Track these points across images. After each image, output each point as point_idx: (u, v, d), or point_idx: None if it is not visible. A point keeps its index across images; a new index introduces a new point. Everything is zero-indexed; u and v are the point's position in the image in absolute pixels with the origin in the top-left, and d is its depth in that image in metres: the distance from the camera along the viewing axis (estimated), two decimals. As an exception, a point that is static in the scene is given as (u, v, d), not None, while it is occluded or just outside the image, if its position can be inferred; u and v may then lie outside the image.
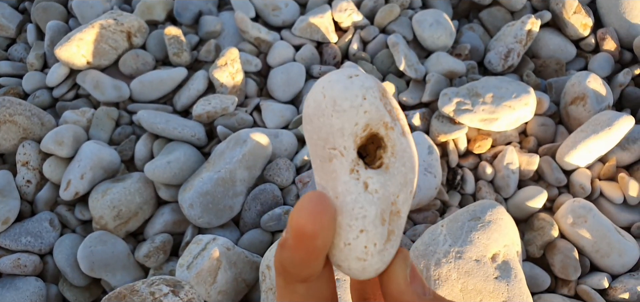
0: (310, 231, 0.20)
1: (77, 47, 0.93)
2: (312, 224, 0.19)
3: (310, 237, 0.20)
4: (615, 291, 0.76)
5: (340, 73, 0.22)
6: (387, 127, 0.22)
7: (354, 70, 0.22)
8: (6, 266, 0.76)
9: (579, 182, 0.87)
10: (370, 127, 0.22)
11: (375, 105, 0.21)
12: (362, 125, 0.21)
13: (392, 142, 0.22)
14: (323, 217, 0.20)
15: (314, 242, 0.20)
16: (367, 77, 0.22)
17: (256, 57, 1.03)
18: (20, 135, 0.86)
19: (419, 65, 1.00)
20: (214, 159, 0.85)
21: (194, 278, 0.72)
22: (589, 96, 0.92)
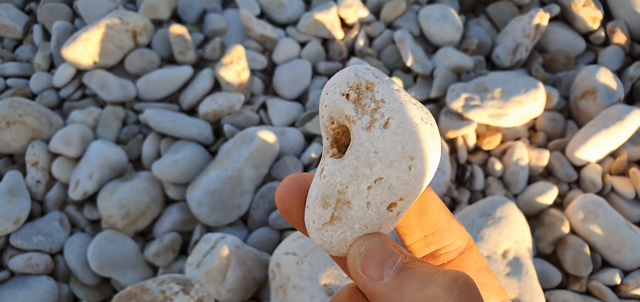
0: (281, 208, 0.24)
1: (84, 47, 0.93)
2: (282, 204, 0.24)
3: (284, 212, 0.24)
4: (628, 287, 0.75)
5: None
6: (349, 120, 0.23)
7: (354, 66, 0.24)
8: (19, 265, 0.77)
9: (589, 178, 0.86)
10: (336, 119, 0.24)
11: (333, 100, 0.23)
12: (327, 118, 0.24)
13: (352, 136, 0.23)
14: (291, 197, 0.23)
15: (289, 216, 0.24)
16: (343, 72, 0.24)
17: (262, 55, 1.02)
18: (30, 135, 0.86)
19: (426, 60, 0.99)
20: (221, 157, 0.85)
21: (204, 277, 0.72)
22: (600, 90, 0.91)
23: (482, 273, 0.22)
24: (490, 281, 0.22)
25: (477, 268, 0.22)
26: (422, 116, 0.22)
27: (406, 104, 0.22)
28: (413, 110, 0.22)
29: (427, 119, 0.22)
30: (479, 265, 0.23)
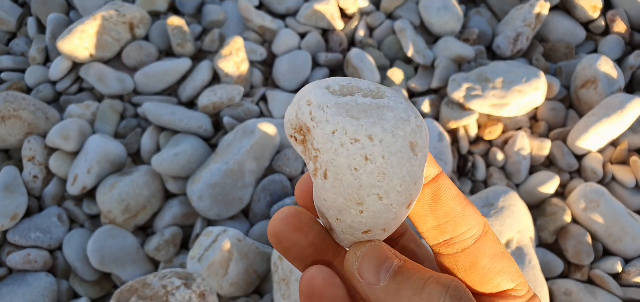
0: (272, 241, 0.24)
1: (79, 39, 0.91)
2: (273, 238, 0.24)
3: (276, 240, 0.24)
4: (629, 274, 0.76)
5: None
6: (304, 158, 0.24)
7: (306, 93, 0.23)
8: (17, 261, 0.75)
9: (590, 167, 0.86)
10: None
11: (288, 137, 0.24)
12: None
13: None
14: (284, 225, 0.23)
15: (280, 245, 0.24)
16: (289, 109, 0.23)
17: (261, 46, 1.01)
18: (25, 130, 0.85)
19: (427, 50, 0.99)
20: (222, 150, 0.84)
21: (206, 270, 0.71)
22: (600, 79, 0.91)
23: (498, 259, 0.22)
24: (505, 266, 0.22)
25: (492, 255, 0.22)
26: (366, 154, 0.20)
27: (343, 150, 0.20)
28: (352, 155, 0.20)
29: (374, 153, 0.20)
30: (495, 251, 0.22)
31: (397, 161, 0.20)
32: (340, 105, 0.21)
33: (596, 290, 0.75)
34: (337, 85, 0.22)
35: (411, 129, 0.21)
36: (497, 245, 0.22)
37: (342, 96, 0.21)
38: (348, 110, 0.21)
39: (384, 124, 0.20)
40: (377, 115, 0.21)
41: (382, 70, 0.99)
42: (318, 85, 0.22)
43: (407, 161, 0.20)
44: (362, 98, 0.21)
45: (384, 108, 0.21)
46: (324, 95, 0.21)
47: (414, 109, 0.22)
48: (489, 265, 0.22)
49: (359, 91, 0.22)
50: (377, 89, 0.22)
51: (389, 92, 0.22)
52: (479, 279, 0.22)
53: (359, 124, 0.20)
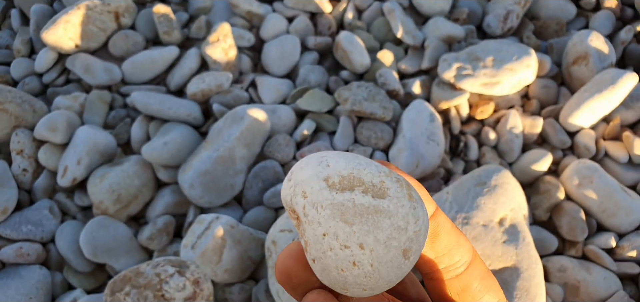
0: (281, 279, 0.23)
1: (64, 30, 0.90)
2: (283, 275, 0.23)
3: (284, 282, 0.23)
4: (623, 249, 0.76)
5: None
6: None
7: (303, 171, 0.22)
8: (9, 255, 0.75)
9: (583, 143, 0.86)
10: None
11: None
12: None
13: None
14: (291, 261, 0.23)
15: (288, 286, 0.23)
16: (284, 186, 0.23)
17: (249, 32, 1.00)
18: (12, 123, 0.84)
19: (416, 31, 0.98)
20: (212, 137, 0.83)
21: (199, 258, 0.71)
22: (592, 55, 0.91)
23: (486, 279, 0.24)
24: (491, 285, 0.25)
25: (482, 276, 0.24)
26: (354, 261, 0.20)
27: (332, 253, 0.20)
28: (340, 259, 0.20)
29: (363, 261, 0.20)
30: (483, 272, 0.24)
31: (385, 269, 0.20)
32: (335, 207, 0.20)
33: (591, 266, 0.75)
34: (337, 176, 0.21)
35: (407, 237, 0.20)
36: (483, 266, 0.25)
37: (340, 193, 0.20)
38: (342, 214, 0.20)
39: (377, 234, 0.20)
40: (372, 222, 0.20)
41: (372, 52, 0.98)
42: (317, 174, 0.21)
43: (396, 268, 0.20)
44: (361, 196, 0.20)
45: (381, 213, 0.20)
46: (321, 192, 0.20)
47: (417, 210, 0.20)
48: (480, 286, 0.24)
49: (359, 185, 0.20)
50: (381, 185, 0.20)
51: (393, 189, 0.20)
52: (470, 299, 0.24)
53: (351, 231, 0.20)
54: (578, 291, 0.74)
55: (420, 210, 0.21)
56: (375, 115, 0.85)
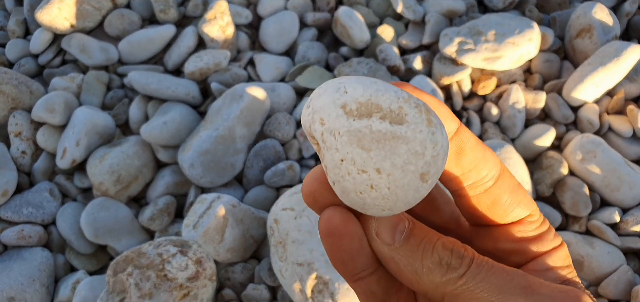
0: (307, 201, 0.24)
1: (59, 9, 0.88)
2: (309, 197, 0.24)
3: (310, 204, 0.24)
4: (627, 224, 0.76)
5: None
6: None
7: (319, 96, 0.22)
8: (10, 238, 0.75)
9: (586, 118, 0.85)
10: None
11: None
12: None
13: None
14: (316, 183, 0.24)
15: (315, 207, 0.24)
16: (304, 112, 0.23)
17: (246, 9, 0.98)
18: (9, 105, 0.83)
19: (417, 6, 0.96)
20: (211, 116, 0.82)
21: (202, 237, 0.71)
22: (595, 27, 0.89)
23: (515, 193, 0.24)
24: (522, 197, 0.24)
25: (511, 190, 0.24)
26: (372, 184, 0.20)
27: (350, 177, 0.21)
28: (358, 183, 0.21)
29: (380, 184, 0.20)
30: (512, 185, 0.24)
31: (403, 192, 0.21)
32: (353, 134, 0.20)
33: (594, 241, 0.75)
34: (354, 103, 0.21)
35: (425, 162, 0.20)
36: (513, 179, 0.24)
37: (358, 119, 0.20)
38: (359, 141, 0.20)
39: (394, 159, 0.20)
40: (389, 148, 0.20)
41: (372, 28, 0.97)
42: (334, 101, 0.21)
43: (413, 190, 0.21)
44: (378, 123, 0.20)
45: (399, 139, 0.20)
46: (338, 119, 0.21)
47: (435, 135, 0.20)
48: (510, 200, 0.24)
49: (377, 112, 0.20)
50: (399, 110, 0.20)
51: (411, 115, 0.20)
52: (501, 213, 0.24)
53: (368, 157, 0.20)
54: (582, 266, 0.74)
55: (439, 134, 0.20)
56: (376, 92, 0.84)
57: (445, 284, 0.22)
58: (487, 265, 0.22)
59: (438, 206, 0.27)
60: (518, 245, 0.25)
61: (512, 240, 0.25)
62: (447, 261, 0.22)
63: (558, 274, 0.24)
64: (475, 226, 0.26)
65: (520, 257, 0.25)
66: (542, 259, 0.24)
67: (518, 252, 0.25)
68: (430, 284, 0.22)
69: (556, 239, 0.25)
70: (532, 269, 0.24)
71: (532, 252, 0.25)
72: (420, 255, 0.23)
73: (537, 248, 0.24)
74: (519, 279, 0.22)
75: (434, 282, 0.22)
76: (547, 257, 0.24)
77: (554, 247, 0.25)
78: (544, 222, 0.25)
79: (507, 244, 0.25)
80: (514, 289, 0.21)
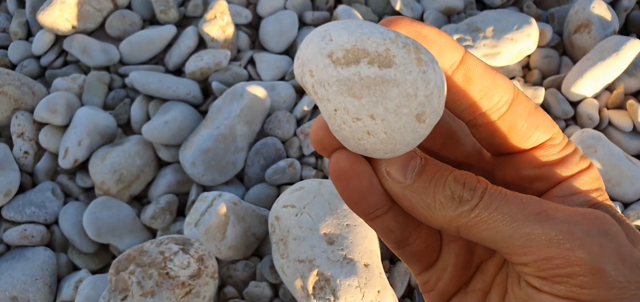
0: (317, 148, 0.24)
1: (60, 11, 0.89)
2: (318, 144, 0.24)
3: (320, 150, 0.24)
4: (629, 218, 0.76)
5: None
6: None
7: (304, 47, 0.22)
8: (13, 237, 0.76)
9: (586, 113, 0.85)
10: None
11: None
12: None
13: None
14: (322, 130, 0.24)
15: (324, 153, 0.24)
16: (295, 61, 0.23)
17: (246, 8, 0.99)
18: (12, 106, 0.84)
19: (415, 3, 0.97)
20: (212, 115, 0.83)
21: (203, 235, 0.71)
22: (594, 23, 0.89)
23: (532, 116, 0.23)
24: (540, 120, 0.23)
25: (527, 114, 0.23)
26: (368, 130, 0.20)
27: (346, 126, 0.21)
28: (355, 130, 0.21)
29: (377, 130, 0.20)
30: (529, 109, 0.23)
31: (400, 135, 0.20)
32: (342, 83, 0.20)
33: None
34: (340, 51, 0.20)
35: (418, 103, 0.20)
36: (529, 103, 0.23)
37: (345, 67, 0.20)
38: (349, 89, 0.20)
39: (386, 104, 0.20)
40: (380, 93, 0.20)
41: (372, 25, 0.97)
42: (321, 50, 0.21)
43: (411, 132, 0.20)
44: (366, 68, 0.20)
45: (389, 83, 0.20)
46: (326, 69, 0.20)
47: (426, 74, 0.20)
48: (526, 124, 0.23)
49: (364, 57, 0.20)
50: (386, 53, 0.20)
51: (399, 56, 0.20)
52: (519, 139, 0.23)
53: (360, 104, 0.20)
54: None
55: (431, 72, 0.20)
56: (376, 89, 0.85)
57: (458, 218, 0.22)
58: (500, 195, 0.22)
59: (459, 139, 0.26)
60: (541, 170, 0.24)
61: (534, 165, 0.24)
62: (459, 194, 0.22)
63: (586, 197, 0.23)
64: (497, 156, 0.25)
65: (544, 183, 0.24)
66: (568, 183, 0.23)
67: (541, 177, 0.24)
68: (443, 218, 0.22)
69: (583, 162, 0.23)
70: (557, 195, 0.23)
71: (557, 176, 0.23)
72: (432, 191, 0.22)
73: (562, 172, 0.23)
74: (533, 206, 0.21)
75: (447, 216, 0.22)
76: (573, 180, 0.23)
77: (580, 170, 0.23)
78: (568, 144, 0.23)
79: (530, 170, 0.24)
80: (528, 216, 0.21)
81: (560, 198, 0.23)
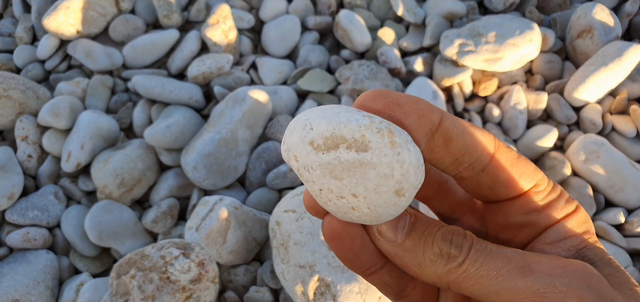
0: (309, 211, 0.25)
1: (65, 16, 0.90)
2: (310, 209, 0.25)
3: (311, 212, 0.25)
4: (632, 225, 0.75)
5: None
6: None
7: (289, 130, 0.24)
8: (16, 240, 0.76)
9: (589, 118, 0.84)
10: None
11: None
12: None
13: None
14: None
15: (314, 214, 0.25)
16: (283, 143, 0.25)
17: (248, 13, 0.99)
18: (17, 110, 0.84)
19: (417, 8, 0.97)
20: (214, 119, 0.83)
21: (204, 239, 0.71)
22: (596, 28, 0.89)
23: (515, 166, 0.24)
24: (523, 169, 0.24)
25: (509, 164, 0.24)
26: (352, 206, 0.22)
27: (331, 204, 0.22)
28: (340, 206, 0.22)
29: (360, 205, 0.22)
30: (512, 158, 0.24)
31: (382, 209, 0.22)
32: (324, 167, 0.22)
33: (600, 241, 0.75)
34: (320, 138, 0.22)
35: (396, 181, 0.21)
36: (511, 153, 0.24)
37: (326, 153, 0.22)
38: (331, 172, 0.22)
39: (366, 184, 0.21)
40: (360, 174, 0.22)
41: (373, 30, 0.97)
42: (303, 139, 0.22)
43: (393, 205, 0.22)
44: (345, 153, 0.22)
45: (366, 165, 0.21)
46: (308, 156, 0.22)
47: (401, 155, 0.21)
48: (510, 174, 0.24)
49: (343, 142, 0.22)
50: (362, 139, 0.22)
51: (374, 141, 0.21)
52: (504, 189, 0.24)
53: (342, 185, 0.22)
54: (584, 265, 0.73)
55: (405, 153, 0.21)
56: (377, 94, 0.85)
57: (447, 274, 0.22)
58: (486, 250, 0.22)
59: (449, 188, 0.27)
60: (528, 217, 0.24)
61: (522, 212, 0.24)
62: (447, 251, 0.22)
63: (575, 241, 0.23)
64: (486, 203, 0.26)
65: (533, 229, 0.24)
66: (556, 228, 0.24)
67: (529, 224, 0.24)
68: (434, 275, 0.23)
69: (569, 205, 0.24)
70: (546, 241, 0.24)
71: (544, 222, 0.24)
72: (422, 248, 0.23)
73: (548, 217, 0.24)
74: (517, 260, 0.21)
75: (437, 273, 0.22)
76: (560, 225, 0.24)
77: (568, 214, 0.24)
78: (553, 189, 0.24)
79: (518, 217, 0.25)
80: (512, 270, 0.21)
81: (549, 244, 0.24)
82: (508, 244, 0.25)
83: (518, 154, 0.24)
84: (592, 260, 0.23)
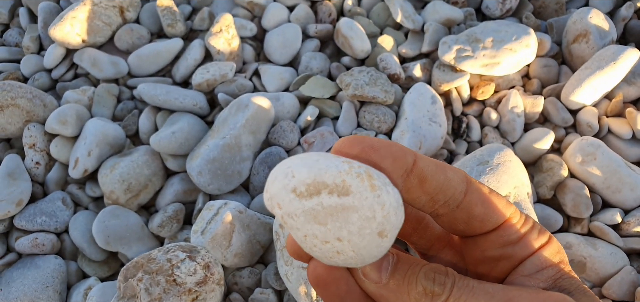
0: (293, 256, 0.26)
1: (71, 25, 0.92)
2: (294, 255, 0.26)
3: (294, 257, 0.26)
4: (629, 225, 0.76)
5: None
6: None
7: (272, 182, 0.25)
8: (25, 246, 0.77)
9: (585, 121, 0.86)
10: None
11: None
12: None
13: None
14: None
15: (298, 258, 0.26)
16: (264, 194, 0.26)
17: (251, 22, 1.01)
18: (24, 118, 0.86)
19: (416, 15, 0.99)
20: (218, 126, 0.85)
21: (209, 243, 0.73)
22: (592, 32, 0.91)
23: (488, 201, 0.25)
24: (496, 203, 0.25)
25: (483, 198, 0.25)
26: (337, 250, 0.22)
27: (317, 249, 0.23)
28: (325, 251, 0.23)
29: (345, 249, 0.22)
30: (485, 193, 0.25)
31: (366, 251, 0.23)
32: (307, 213, 0.22)
33: (597, 242, 0.76)
34: (303, 185, 0.22)
35: (378, 223, 0.22)
36: (482, 189, 0.25)
37: (308, 199, 0.22)
38: (315, 217, 0.22)
39: (349, 228, 0.22)
40: (343, 219, 0.22)
41: (373, 38, 0.99)
42: (285, 186, 0.23)
43: (376, 247, 0.23)
44: (327, 198, 0.22)
45: (348, 209, 0.22)
46: (291, 203, 0.22)
47: (381, 197, 0.22)
48: (483, 209, 0.25)
49: (325, 188, 0.22)
50: (343, 183, 0.22)
51: (354, 185, 0.22)
52: (478, 223, 0.25)
53: (326, 229, 0.22)
54: (585, 267, 0.75)
55: (385, 194, 0.22)
56: (377, 99, 0.87)
57: None
58: (468, 287, 0.23)
59: (427, 224, 0.28)
60: (503, 250, 0.25)
61: (497, 246, 0.25)
62: (430, 289, 0.23)
63: (550, 272, 0.24)
64: (463, 238, 0.27)
65: (509, 262, 0.25)
66: (532, 260, 0.25)
67: (505, 257, 0.25)
68: None
69: (542, 237, 0.25)
70: (523, 274, 0.24)
71: (519, 255, 0.25)
72: (406, 288, 0.24)
73: (522, 250, 0.25)
74: (499, 295, 0.22)
75: None
76: (536, 257, 0.25)
77: (541, 245, 0.25)
78: (526, 221, 0.25)
79: (493, 251, 0.25)
80: None
81: (527, 277, 0.25)
82: (486, 277, 0.26)
83: (490, 189, 0.25)
84: (568, 290, 0.24)
